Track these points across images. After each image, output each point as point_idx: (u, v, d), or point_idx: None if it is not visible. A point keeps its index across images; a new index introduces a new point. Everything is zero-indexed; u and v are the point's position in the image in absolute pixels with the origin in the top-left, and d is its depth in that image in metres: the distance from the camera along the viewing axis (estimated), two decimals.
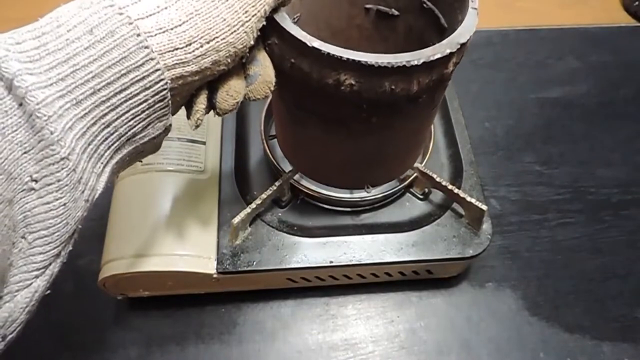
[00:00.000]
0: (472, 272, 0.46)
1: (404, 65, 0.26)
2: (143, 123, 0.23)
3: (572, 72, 0.61)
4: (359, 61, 0.26)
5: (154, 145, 0.25)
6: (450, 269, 0.44)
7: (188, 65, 0.23)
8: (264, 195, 0.39)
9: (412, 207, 0.43)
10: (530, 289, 0.46)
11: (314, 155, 0.38)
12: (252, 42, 0.25)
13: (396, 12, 0.37)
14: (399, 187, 0.42)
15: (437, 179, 0.41)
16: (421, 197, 0.44)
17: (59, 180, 0.20)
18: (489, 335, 0.44)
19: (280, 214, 0.42)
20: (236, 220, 0.37)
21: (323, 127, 0.33)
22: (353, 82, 0.27)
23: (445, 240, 0.41)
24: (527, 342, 0.43)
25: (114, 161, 0.23)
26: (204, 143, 0.43)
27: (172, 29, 0.22)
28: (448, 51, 0.27)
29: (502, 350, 0.43)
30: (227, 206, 0.41)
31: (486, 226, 0.41)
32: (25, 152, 0.19)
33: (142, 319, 0.43)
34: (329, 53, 0.26)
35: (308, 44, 0.26)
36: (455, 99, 0.49)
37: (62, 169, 0.20)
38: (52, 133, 0.19)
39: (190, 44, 0.22)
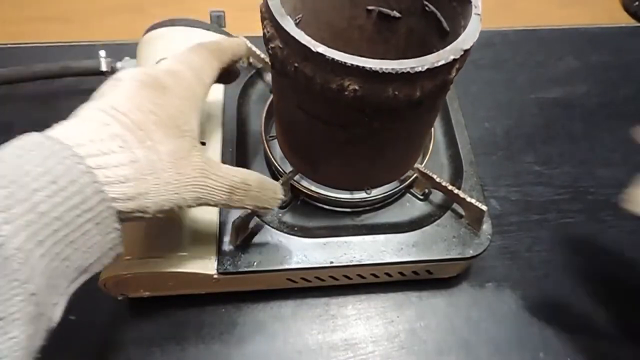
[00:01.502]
0: (472, 272, 0.47)
1: (408, 72, 0.26)
2: (96, 255, 0.25)
3: (572, 72, 0.61)
4: (363, 67, 0.26)
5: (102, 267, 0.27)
6: (450, 269, 0.44)
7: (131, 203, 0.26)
8: None
9: (412, 207, 0.43)
10: (530, 289, 0.46)
11: (315, 157, 0.38)
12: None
13: (398, 14, 0.36)
14: (399, 187, 0.42)
15: (437, 180, 0.41)
16: (421, 197, 0.44)
17: (27, 314, 0.21)
18: (489, 335, 0.44)
19: (280, 215, 0.42)
20: (236, 221, 0.37)
21: (324, 130, 0.33)
22: (357, 88, 0.27)
23: (445, 241, 0.41)
24: (527, 342, 0.43)
25: (70, 291, 0.25)
26: (204, 143, 0.43)
27: (120, 182, 0.25)
28: (452, 57, 0.27)
29: (502, 350, 0.43)
30: None
31: (486, 226, 0.41)
32: None
33: (142, 319, 0.43)
34: (333, 58, 0.26)
35: (313, 49, 0.26)
36: (455, 99, 0.49)
37: (30, 304, 0.21)
38: (22, 275, 0.21)
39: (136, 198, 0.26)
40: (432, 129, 0.45)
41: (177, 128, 0.28)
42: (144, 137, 0.27)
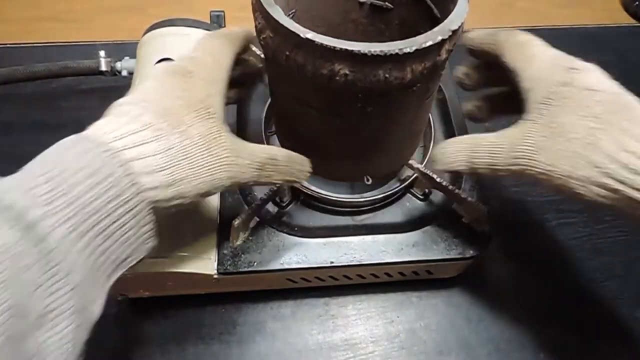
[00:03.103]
0: (472, 272, 0.46)
1: (397, 53, 0.26)
2: (132, 247, 0.26)
3: None
4: (352, 51, 0.26)
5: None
6: (450, 270, 0.44)
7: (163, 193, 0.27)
8: (264, 196, 0.39)
9: (412, 207, 0.43)
10: (530, 289, 0.46)
11: (313, 148, 0.37)
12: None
13: (390, 5, 0.37)
14: (399, 187, 0.42)
15: (438, 180, 0.41)
16: (421, 197, 0.44)
17: (71, 307, 0.22)
18: (489, 335, 0.44)
19: (280, 215, 0.42)
20: (237, 221, 0.37)
21: (320, 119, 0.33)
22: (347, 72, 0.27)
23: (446, 241, 0.41)
24: (527, 342, 0.43)
25: (107, 286, 0.26)
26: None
27: (156, 172, 0.26)
28: (440, 38, 0.27)
29: (502, 350, 0.43)
30: (228, 207, 0.41)
31: (486, 226, 0.41)
32: (37, 288, 0.21)
33: (142, 319, 0.43)
34: (322, 44, 0.26)
35: (302, 35, 0.27)
36: (456, 98, 0.49)
37: (74, 296, 0.22)
38: (65, 267, 0.22)
39: (170, 186, 0.27)
40: (432, 130, 0.45)
41: (205, 110, 0.29)
42: (177, 121, 0.28)
